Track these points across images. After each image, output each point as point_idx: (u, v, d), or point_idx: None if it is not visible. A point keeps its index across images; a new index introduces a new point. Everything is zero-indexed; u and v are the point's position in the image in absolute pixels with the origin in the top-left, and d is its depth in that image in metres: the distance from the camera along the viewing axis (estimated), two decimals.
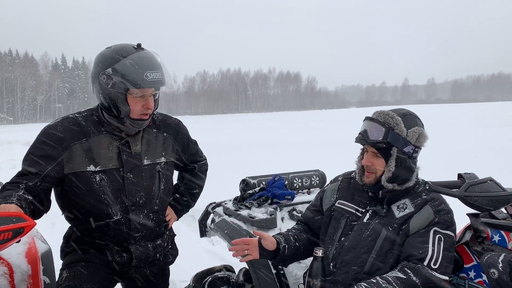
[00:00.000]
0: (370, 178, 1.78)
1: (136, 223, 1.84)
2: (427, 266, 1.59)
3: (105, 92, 1.72)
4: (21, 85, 78.02)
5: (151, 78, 1.69)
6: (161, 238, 2.00)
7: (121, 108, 1.73)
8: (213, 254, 4.33)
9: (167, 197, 1.98)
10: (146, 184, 1.85)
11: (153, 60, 1.74)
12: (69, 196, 1.79)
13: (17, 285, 1.86)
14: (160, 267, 2.03)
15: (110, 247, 1.85)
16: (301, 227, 2.01)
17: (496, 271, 1.41)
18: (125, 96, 1.71)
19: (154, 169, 1.89)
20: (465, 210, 1.69)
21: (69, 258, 1.89)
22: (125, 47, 1.74)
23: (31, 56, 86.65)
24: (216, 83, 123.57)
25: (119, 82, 1.68)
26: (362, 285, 1.60)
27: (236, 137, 19.98)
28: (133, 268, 1.90)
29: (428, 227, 1.67)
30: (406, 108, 1.83)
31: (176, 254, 2.14)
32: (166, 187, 1.94)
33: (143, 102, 1.74)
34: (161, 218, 1.96)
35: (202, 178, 2.24)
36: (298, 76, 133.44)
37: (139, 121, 1.78)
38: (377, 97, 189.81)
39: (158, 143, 1.94)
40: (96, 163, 1.77)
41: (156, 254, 1.96)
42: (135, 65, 1.68)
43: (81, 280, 1.78)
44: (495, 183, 1.57)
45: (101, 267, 1.86)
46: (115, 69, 1.68)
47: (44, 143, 1.73)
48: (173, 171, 2.05)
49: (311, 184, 2.82)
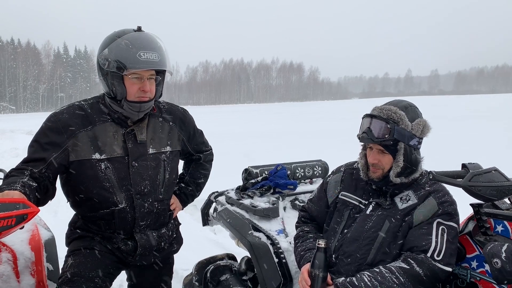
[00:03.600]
0: (377, 174, 1.77)
1: (141, 211, 1.84)
2: (430, 258, 1.59)
3: (103, 74, 1.72)
4: (23, 74, 77.97)
5: (145, 58, 1.66)
6: (166, 227, 2.00)
7: (117, 90, 1.71)
8: (215, 242, 4.36)
9: (172, 186, 1.98)
10: (151, 173, 1.84)
11: (150, 41, 1.71)
12: (74, 184, 1.78)
13: (21, 272, 1.88)
14: (164, 255, 2.03)
15: (115, 235, 1.86)
16: (311, 227, 1.99)
17: (499, 261, 1.41)
18: (121, 77, 1.69)
19: (159, 158, 1.88)
20: (468, 200, 1.68)
21: (74, 245, 1.89)
22: (125, 30, 1.75)
23: (33, 45, 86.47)
24: (218, 73, 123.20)
25: (113, 61, 1.67)
26: (365, 274, 1.61)
27: (237, 127, 19.96)
28: (138, 256, 1.90)
29: (432, 218, 1.66)
30: (402, 99, 1.81)
31: (181, 243, 2.15)
32: (171, 176, 1.94)
33: (140, 84, 1.72)
34: (166, 206, 1.96)
35: (208, 168, 2.24)
36: (301, 67, 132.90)
37: (136, 103, 1.74)
38: (380, 88, 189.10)
39: (164, 132, 1.93)
40: (102, 151, 1.76)
41: (160, 242, 1.96)
42: (129, 45, 1.66)
43: (86, 268, 1.78)
44: (499, 173, 1.57)
45: (106, 254, 1.86)
46: (110, 49, 1.68)
47: (50, 130, 1.72)
48: (179, 160, 2.04)
49: (314, 174, 2.82)
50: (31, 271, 1.91)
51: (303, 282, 1.70)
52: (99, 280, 1.78)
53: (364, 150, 1.84)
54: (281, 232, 2.24)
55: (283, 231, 2.25)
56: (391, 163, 1.72)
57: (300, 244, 1.91)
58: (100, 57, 1.71)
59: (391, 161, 1.72)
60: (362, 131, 1.74)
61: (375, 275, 1.59)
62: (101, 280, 1.79)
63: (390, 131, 1.67)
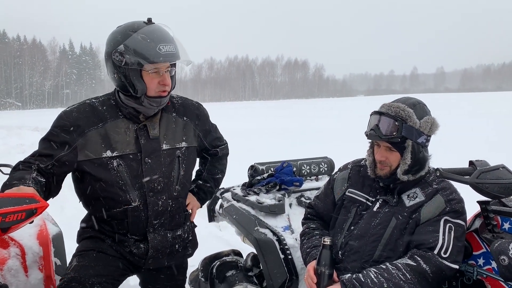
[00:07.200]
0: (385, 171, 1.76)
1: (154, 210, 1.78)
2: (437, 255, 1.59)
3: (119, 71, 1.66)
4: (29, 71, 78.32)
5: (164, 51, 1.63)
6: (182, 229, 1.92)
7: (137, 86, 1.66)
8: (221, 239, 4.36)
9: (187, 183, 1.92)
10: (165, 170, 1.79)
11: (165, 33, 1.68)
12: (86, 183, 1.74)
13: (29, 266, 1.89)
14: (178, 260, 1.95)
15: (127, 238, 1.80)
16: (317, 224, 1.99)
17: (507, 258, 1.40)
18: (140, 72, 1.65)
19: (173, 154, 1.83)
20: (476, 197, 1.68)
21: (83, 245, 1.84)
22: (135, 23, 1.69)
23: (39, 41, 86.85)
24: (224, 70, 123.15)
25: (132, 58, 1.61)
26: (371, 270, 1.61)
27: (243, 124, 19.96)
28: (150, 259, 1.82)
29: (439, 216, 1.66)
30: (411, 96, 1.81)
31: (196, 246, 2.06)
32: (186, 173, 1.88)
33: (159, 78, 1.68)
34: (180, 205, 1.89)
35: (224, 163, 2.17)
36: (306, 64, 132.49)
37: (157, 98, 1.70)
38: (386, 85, 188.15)
39: (178, 128, 1.87)
40: (113, 148, 1.72)
41: (175, 245, 1.88)
42: (146, 39, 1.62)
43: (88, 273, 1.72)
44: (507, 170, 1.56)
45: (115, 259, 1.80)
46: (126, 46, 1.62)
47: (59, 128, 1.70)
48: (196, 157, 1.98)
49: (320, 171, 2.82)
50: (39, 265, 1.93)
51: (309, 280, 1.70)
52: (99, 287, 1.72)
53: (372, 147, 1.84)
54: (287, 229, 2.24)
55: (289, 228, 2.26)
56: (398, 161, 1.72)
57: (306, 241, 1.91)
58: (113, 53, 1.65)
59: (398, 158, 1.72)
60: (370, 128, 1.74)
61: (382, 272, 1.59)
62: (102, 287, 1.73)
63: (398, 129, 1.66)
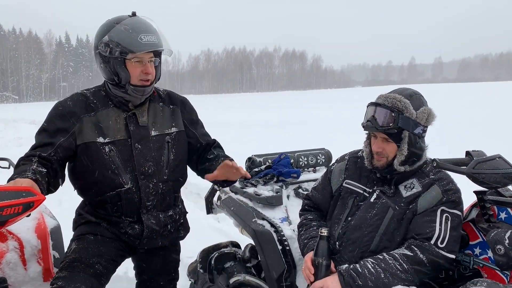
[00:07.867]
0: (382, 162, 1.77)
1: (146, 192, 1.87)
2: (434, 245, 1.60)
3: (105, 61, 1.78)
4: (25, 63, 77.87)
5: (146, 40, 1.74)
6: (173, 210, 2.02)
7: (121, 75, 1.77)
8: (219, 230, 4.38)
9: (178, 168, 1.98)
10: (154, 155, 1.89)
11: (147, 24, 1.80)
12: (81, 168, 1.83)
13: (27, 259, 1.90)
14: (171, 240, 2.05)
15: (122, 219, 1.88)
16: (314, 215, 2.00)
17: (503, 247, 1.41)
18: (124, 61, 1.76)
19: (162, 140, 1.92)
20: (472, 187, 1.68)
21: (80, 230, 1.92)
22: (120, 16, 1.82)
23: (35, 34, 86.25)
24: (221, 61, 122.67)
25: (115, 47, 1.74)
26: (368, 261, 1.62)
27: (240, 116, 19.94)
28: (145, 239, 1.92)
29: (436, 206, 1.66)
30: (407, 87, 1.80)
31: (188, 230, 2.17)
32: (176, 157, 1.96)
33: (142, 67, 1.78)
34: (170, 187, 1.96)
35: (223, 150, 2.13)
36: (304, 55, 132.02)
37: (140, 87, 1.81)
38: (383, 76, 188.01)
39: (166, 115, 1.98)
40: (105, 135, 1.82)
41: (167, 225, 1.98)
42: (129, 29, 1.74)
43: (88, 254, 1.81)
44: (503, 160, 1.56)
45: (112, 241, 1.89)
46: (110, 36, 1.75)
47: (56, 117, 1.80)
48: (186, 142, 2.03)
49: (317, 162, 2.82)
50: (37, 258, 1.94)
51: (307, 271, 1.72)
52: (100, 266, 1.80)
53: (369, 138, 1.84)
54: (285, 220, 2.25)
55: (286, 219, 2.27)
56: (395, 152, 1.72)
57: (303, 232, 1.92)
58: (99, 44, 1.77)
59: (395, 149, 1.72)
60: (367, 120, 1.74)
61: (379, 262, 1.60)
62: (102, 267, 1.81)
63: (394, 120, 1.66)
